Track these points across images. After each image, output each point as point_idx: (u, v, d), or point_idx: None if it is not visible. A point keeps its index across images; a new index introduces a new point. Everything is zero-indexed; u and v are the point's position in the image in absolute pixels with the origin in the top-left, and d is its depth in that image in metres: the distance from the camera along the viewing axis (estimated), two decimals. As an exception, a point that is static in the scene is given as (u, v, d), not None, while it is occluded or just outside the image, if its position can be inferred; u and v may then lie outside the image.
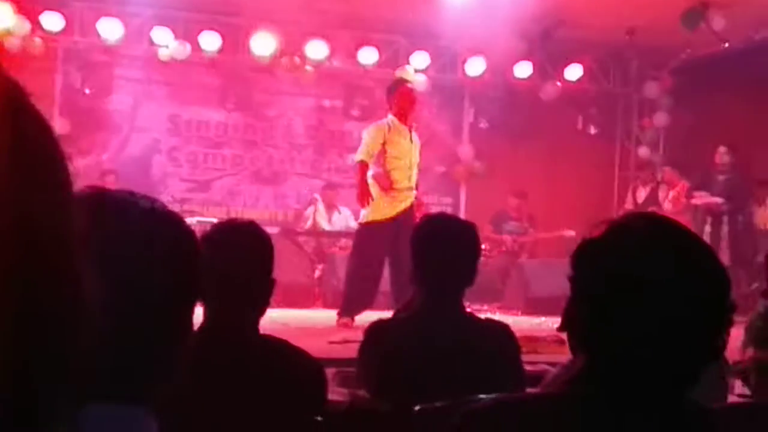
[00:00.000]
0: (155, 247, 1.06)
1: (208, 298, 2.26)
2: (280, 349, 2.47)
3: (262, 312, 2.45)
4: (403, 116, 7.49)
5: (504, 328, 3.04)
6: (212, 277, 1.18)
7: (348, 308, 7.43)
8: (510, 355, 2.96)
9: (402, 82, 8.01)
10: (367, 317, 7.30)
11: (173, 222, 1.10)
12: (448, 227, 3.11)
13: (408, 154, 7.51)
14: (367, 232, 7.47)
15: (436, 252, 2.97)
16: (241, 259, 2.39)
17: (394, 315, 3.41)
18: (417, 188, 7.79)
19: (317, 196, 10.70)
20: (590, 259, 1.43)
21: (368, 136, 7.51)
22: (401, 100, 7.48)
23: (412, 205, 7.51)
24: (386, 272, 7.62)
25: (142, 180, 10.52)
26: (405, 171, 7.48)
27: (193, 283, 1.09)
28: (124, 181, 10.27)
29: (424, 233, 3.06)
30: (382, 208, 7.38)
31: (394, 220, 7.30)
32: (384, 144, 7.41)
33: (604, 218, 1.51)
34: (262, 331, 2.47)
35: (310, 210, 10.59)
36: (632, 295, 1.37)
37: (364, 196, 7.39)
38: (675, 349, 1.37)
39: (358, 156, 7.50)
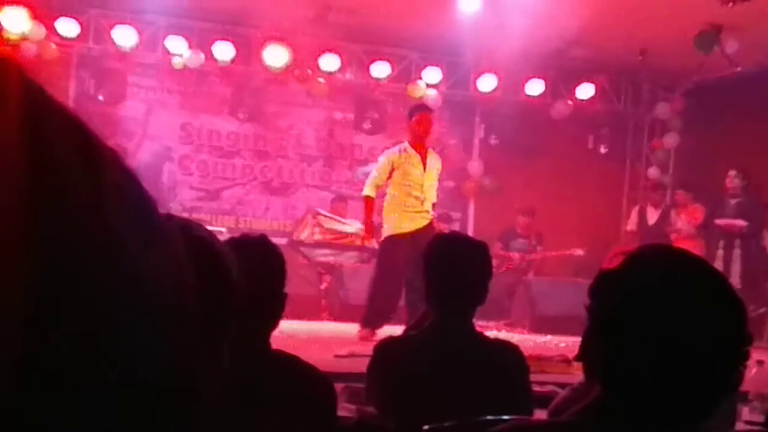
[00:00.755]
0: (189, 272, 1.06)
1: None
2: (291, 364, 2.47)
3: (273, 326, 2.46)
4: (418, 143, 7.78)
5: (513, 348, 3.04)
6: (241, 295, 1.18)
7: (370, 320, 7.65)
8: (519, 376, 2.96)
9: (420, 108, 8.21)
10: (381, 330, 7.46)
11: (207, 245, 1.10)
12: (460, 246, 3.11)
13: (419, 180, 7.76)
14: (388, 246, 7.75)
15: (447, 271, 2.97)
16: (253, 273, 2.39)
17: (405, 332, 3.42)
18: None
19: (321, 211, 10.68)
20: (608, 291, 1.44)
21: (378, 166, 7.91)
22: (417, 127, 7.75)
23: (430, 225, 7.74)
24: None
25: (152, 187, 10.52)
26: (413, 194, 7.73)
27: (228, 306, 1.10)
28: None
29: (436, 252, 3.06)
30: (399, 224, 7.73)
31: (411, 236, 7.55)
32: (392, 170, 7.75)
33: (621, 249, 1.53)
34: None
35: (308, 222, 10.55)
36: (649, 327, 1.38)
37: (369, 231, 8.09)
38: (691, 381, 1.38)
39: (366, 190, 7.89)
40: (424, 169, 7.77)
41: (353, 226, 10.33)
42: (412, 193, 7.72)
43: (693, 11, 8.94)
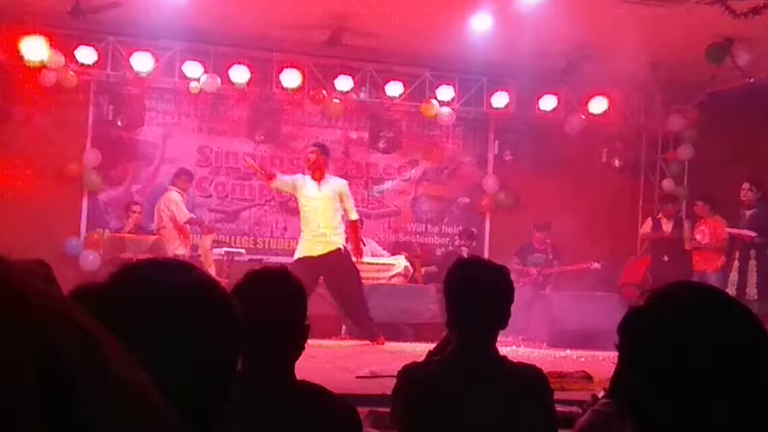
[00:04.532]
0: (193, 324, 1.14)
1: (244, 347, 2.31)
2: (315, 395, 2.49)
3: (296, 357, 2.48)
4: (313, 174, 8.71)
5: (537, 371, 3.06)
6: (247, 326, 1.25)
7: None
8: (542, 400, 2.99)
9: (314, 146, 9.09)
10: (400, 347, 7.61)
11: (210, 296, 1.17)
12: (481, 272, 3.14)
13: (315, 207, 8.70)
14: (297, 267, 8.71)
15: (469, 297, 3.01)
16: (275, 307, 2.42)
17: (428, 357, 3.46)
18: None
19: None
20: (636, 329, 1.47)
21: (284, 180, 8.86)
22: (309, 159, 8.77)
23: (337, 251, 8.70)
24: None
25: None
26: (314, 221, 8.68)
27: (233, 349, 1.18)
28: (152, 211, 10.42)
29: (458, 279, 3.08)
30: (302, 250, 8.75)
31: (317, 259, 8.58)
32: (294, 187, 8.76)
33: (650, 288, 1.56)
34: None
35: None
36: (678, 365, 1.40)
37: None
38: (722, 417, 1.39)
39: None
40: (319, 197, 8.68)
41: (368, 247, 10.40)
42: (312, 220, 8.67)
43: (704, 24, 8.99)
